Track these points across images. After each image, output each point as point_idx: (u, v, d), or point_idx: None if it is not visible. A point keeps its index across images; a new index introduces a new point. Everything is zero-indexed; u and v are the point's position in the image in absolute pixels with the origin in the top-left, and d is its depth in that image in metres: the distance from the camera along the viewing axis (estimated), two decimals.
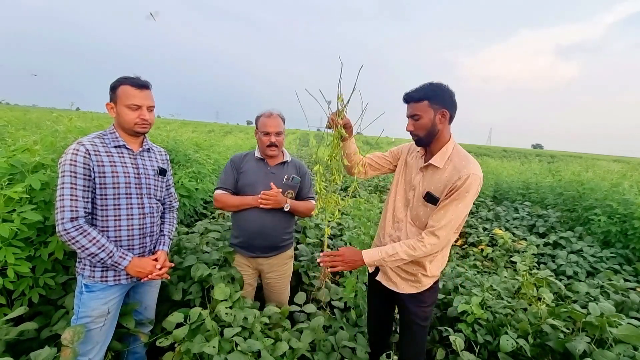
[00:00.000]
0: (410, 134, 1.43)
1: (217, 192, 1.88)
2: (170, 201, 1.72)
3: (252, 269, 1.96)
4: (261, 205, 1.79)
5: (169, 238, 1.66)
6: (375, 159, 1.67)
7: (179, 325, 1.45)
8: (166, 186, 1.67)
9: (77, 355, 1.28)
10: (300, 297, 1.98)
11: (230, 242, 2.00)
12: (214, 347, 1.28)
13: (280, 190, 1.84)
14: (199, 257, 2.02)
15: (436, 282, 1.55)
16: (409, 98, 1.39)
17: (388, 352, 1.59)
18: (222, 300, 1.54)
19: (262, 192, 1.79)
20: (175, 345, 1.44)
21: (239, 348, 1.31)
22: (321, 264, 1.48)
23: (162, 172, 1.60)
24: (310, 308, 1.90)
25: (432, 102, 1.35)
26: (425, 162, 1.44)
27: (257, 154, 1.92)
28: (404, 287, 1.52)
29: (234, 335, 1.36)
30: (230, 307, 1.52)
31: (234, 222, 1.97)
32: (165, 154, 1.70)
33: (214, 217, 3.54)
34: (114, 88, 1.41)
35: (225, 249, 1.97)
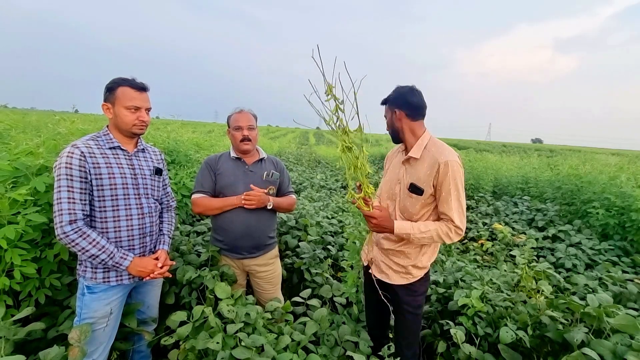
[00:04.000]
0: None
1: (195, 195, 1.85)
2: (168, 200, 1.72)
3: (239, 270, 1.96)
4: (245, 206, 1.79)
5: (169, 237, 1.67)
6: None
7: (182, 323, 1.47)
8: (163, 186, 1.67)
9: (85, 354, 1.30)
10: (306, 292, 2.00)
11: (213, 245, 1.97)
12: (217, 343, 1.31)
13: (265, 191, 1.84)
14: (185, 259, 2.02)
15: (427, 273, 1.63)
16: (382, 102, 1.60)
17: (389, 345, 1.62)
18: (223, 299, 1.57)
19: (245, 194, 1.79)
20: (180, 343, 1.46)
21: (242, 343, 1.34)
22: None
23: (158, 171, 1.61)
24: (314, 302, 1.92)
25: (390, 104, 1.56)
26: (405, 156, 1.57)
27: (233, 154, 1.90)
28: (396, 279, 1.60)
29: (237, 331, 1.38)
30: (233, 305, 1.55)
31: (215, 224, 1.94)
32: (160, 154, 1.71)
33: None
34: (111, 89, 1.41)
35: (211, 248, 1.95)
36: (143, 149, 1.58)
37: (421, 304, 1.65)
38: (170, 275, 1.65)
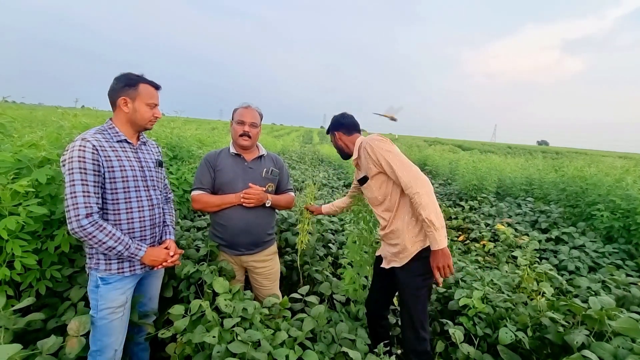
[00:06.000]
0: None
1: (195, 192, 1.85)
2: (167, 192, 1.76)
3: (238, 266, 1.96)
4: (244, 204, 1.80)
5: (172, 227, 1.70)
6: (354, 189, 2.15)
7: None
8: (162, 177, 1.70)
9: (82, 345, 1.31)
10: (304, 289, 2.00)
11: (211, 240, 1.97)
12: (214, 337, 1.31)
13: (264, 189, 1.85)
14: (184, 253, 2.01)
15: (425, 251, 1.59)
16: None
17: (387, 342, 1.61)
18: (221, 293, 1.57)
19: (244, 192, 1.79)
20: (177, 336, 1.47)
21: (239, 338, 1.34)
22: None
23: (159, 164, 1.64)
24: (312, 299, 1.92)
25: (330, 131, 1.91)
26: (353, 161, 1.86)
27: (232, 150, 1.89)
28: (396, 262, 1.69)
29: (234, 326, 1.39)
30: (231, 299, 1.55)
31: (214, 220, 1.94)
32: (158, 147, 1.73)
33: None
34: (132, 85, 1.42)
35: (210, 243, 1.95)
36: (145, 142, 1.61)
37: (420, 286, 1.64)
38: (180, 264, 1.69)
